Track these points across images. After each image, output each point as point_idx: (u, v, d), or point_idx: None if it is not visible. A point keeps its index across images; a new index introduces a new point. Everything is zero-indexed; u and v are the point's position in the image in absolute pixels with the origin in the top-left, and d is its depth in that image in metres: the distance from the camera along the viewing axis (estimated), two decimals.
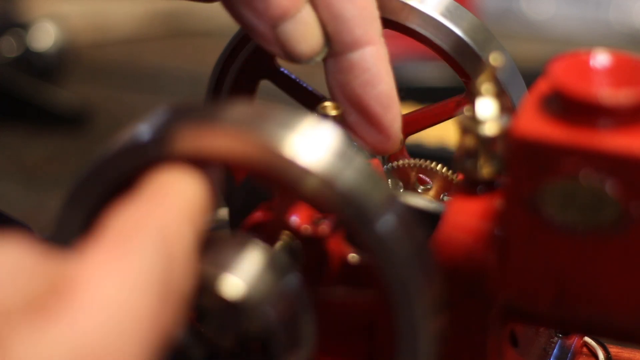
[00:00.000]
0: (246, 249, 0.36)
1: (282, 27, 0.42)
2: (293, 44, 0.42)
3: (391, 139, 0.45)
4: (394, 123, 0.45)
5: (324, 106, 0.46)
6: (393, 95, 0.44)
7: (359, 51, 0.43)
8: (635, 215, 0.35)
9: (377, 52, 0.43)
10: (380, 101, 0.44)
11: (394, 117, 0.44)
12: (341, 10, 0.43)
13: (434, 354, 0.36)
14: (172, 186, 0.34)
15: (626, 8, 1.20)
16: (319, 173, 0.34)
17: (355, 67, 0.43)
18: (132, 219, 0.32)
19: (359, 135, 0.45)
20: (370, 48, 0.43)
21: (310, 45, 0.43)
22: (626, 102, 0.35)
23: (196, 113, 0.36)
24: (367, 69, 0.43)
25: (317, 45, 0.43)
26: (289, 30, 0.42)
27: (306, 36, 0.42)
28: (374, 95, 0.44)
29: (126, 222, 0.32)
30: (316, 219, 0.40)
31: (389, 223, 0.35)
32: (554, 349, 0.47)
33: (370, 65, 0.43)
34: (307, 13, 0.42)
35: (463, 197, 0.39)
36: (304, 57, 0.43)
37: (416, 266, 0.35)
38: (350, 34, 0.43)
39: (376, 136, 0.45)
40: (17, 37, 1.03)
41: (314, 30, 0.43)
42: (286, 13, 0.42)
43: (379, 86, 0.44)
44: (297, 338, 0.36)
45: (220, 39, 0.53)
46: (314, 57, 0.43)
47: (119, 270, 0.31)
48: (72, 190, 0.37)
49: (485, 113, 0.39)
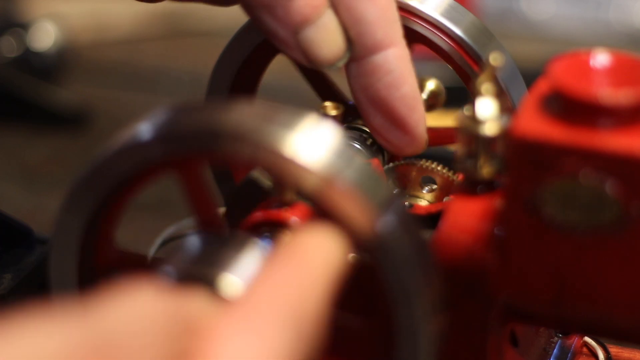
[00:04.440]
0: (246, 249, 0.36)
1: (304, 33, 0.42)
2: (315, 50, 0.42)
3: (417, 140, 0.45)
4: (419, 124, 0.45)
5: (324, 106, 0.46)
6: (417, 96, 0.44)
7: (382, 54, 0.43)
8: (635, 215, 0.35)
9: (399, 53, 0.43)
10: (404, 102, 0.44)
11: (419, 117, 0.44)
12: (363, 13, 0.42)
13: (434, 354, 0.36)
14: (316, 249, 0.33)
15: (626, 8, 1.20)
16: (319, 172, 0.34)
17: (379, 69, 0.43)
18: (271, 289, 0.31)
19: (384, 137, 0.45)
20: (393, 50, 0.43)
21: (333, 51, 0.43)
22: (626, 102, 0.35)
23: (196, 113, 0.36)
24: (390, 71, 0.43)
25: (340, 50, 0.43)
26: (310, 36, 0.42)
27: (328, 41, 0.42)
28: (398, 97, 0.44)
29: (265, 291, 0.31)
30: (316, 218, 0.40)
31: (388, 223, 0.35)
32: (554, 349, 0.47)
33: (394, 67, 0.43)
34: (329, 18, 0.42)
35: (463, 197, 0.39)
36: (327, 63, 0.43)
37: (416, 266, 0.35)
38: (373, 37, 0.43)
39: (402, 138, 0.45)
40: (17, 37, 1.02)
41: (336, 36, 0.42)
42: (307, 19, 0.41)
43: (402, 88, 0.44)
44: None
45: (220, 39, 0.53)
46: (336, 62, 0.43)
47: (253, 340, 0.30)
48: (72, 191, 0.37)
49: (485, 113, 0.39)
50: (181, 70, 1.06)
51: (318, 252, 0.33)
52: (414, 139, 0.45)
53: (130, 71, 1.07)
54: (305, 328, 0.31)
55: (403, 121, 0.44)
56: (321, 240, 0.34)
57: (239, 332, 0.30)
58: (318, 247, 0.33)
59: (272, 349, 0.30)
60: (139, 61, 1.09)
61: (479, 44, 0.46)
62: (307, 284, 0.32)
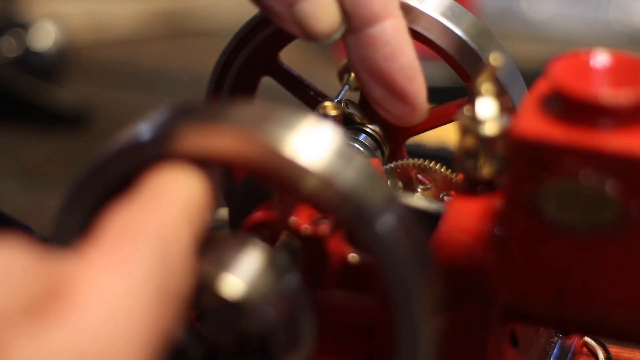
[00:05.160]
0: (246, 249, 0.36)
1: (299, 6, 0.42)
2: (310, 23, 0.42)
3: (417, 109, 0.45)
4: (419, 93, 0.45)
5: (324, 106, 0.46)
6: (416, 65, 0.44)
7: (378, 25, 0.43)
8: (635, 215, 0.35)
9: (396, 24, 0.43)
10: (403, 73, 0.44)
11: (418, 87, 0.44)
12: None
13: (434, 354, 0.36)
14: (170, 185, 0.34)
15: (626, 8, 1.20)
16: (319, 173, 0.34)
17: (376, 41, 0.43)
18: (130, 220, 0.32)
19: (384, 108, 0.45)
20: (390, 21, 0.43)
21: (328, 23, 0.43)
22: (626, 102, 0.35)
23: (196, 112, 0.36)
24: (387, 42, 0.43)
25: (335, 23, 0.43)
26: (305, 9, 0.42)
27: (323, 14, 0.42)
28: (397, 67, 0.44)
29: (124, 223, 0.32)
30: (316, 219, 0.40)
31: (388, 223, 0.35)
32: (554, 349, 0.47)
33: (391, 38, 0.43)
34: None
35: (463, 197, 0.39)
36: (322, 35, 0.43)
37: (416, 266, 0.35)
38: (369, 9, 0.43)
39: (403, 108, 0.45)
40: (17, 37, 1.03)
41: (331, 8, 0.42)
42: None
43: (401, 58, 0.44)
44: (296, 338, 0.36)
45: (220, 39, 0.53)
46: (332, 34, 0.43)
47: (117, 272, 0.31)
48: (72, 191, 0.37)
49: (485, 113, 0.39)
50: (181, 70, 1.06)
51: (173, 186, 0.34)
52: (415, 108, 0.45)
53: (130, 71, 1.07)
54: (170, 249, 0.32)
55: (403, 92, 0.44)
56: (177, 177, 0.34)
57: (102, 267, 0.31)
58: (173, 183, 0.34)
59: (138, 272, 0.31)
60: (139, 61, 1.09)
61: (479, 44, 0.46)
62: (164, 213, 0.33)
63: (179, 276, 0.32)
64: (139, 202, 0.33)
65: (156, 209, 0.33)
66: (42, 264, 0.30)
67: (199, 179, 0.35)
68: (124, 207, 0.33)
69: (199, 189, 0.34)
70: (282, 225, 0.39)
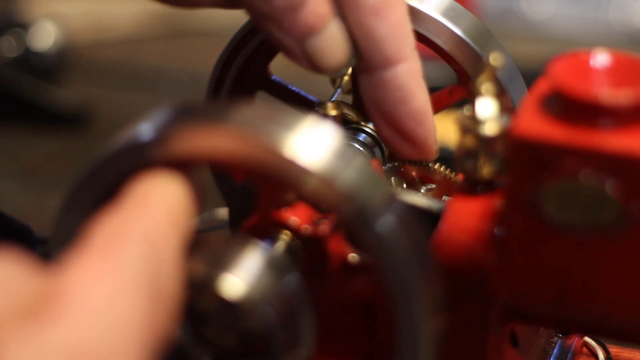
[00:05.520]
0: (246, 249, 0.36)
1: (309, 42, 0.42)
2: (319, 58, 0.42)
3: (425, 151, 0.45)
4: (428, 137, 0.45)
5: (324, 106, 0.46)
6: (426, 110, 0.44)
7: (391, 69, 0.43)
8: (635, 215, 0.35)
9: (409, 69, 0.43)
10: (413, 117, 0.44)
11: (427, 131, 0.44)
12: (372, 29, 0.42)
13: (434, 354, 0.36)
14: (154, 192, 0.34)
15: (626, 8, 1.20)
16: (319, 173, 0.34)
17: (387, 84, 0.43)
18: (116, 226, 0.33)
19: (393, 147, 0.45)
20: (402, 65, 0.43)
21: (337, 59, 0.43)
22: (626, 102, 0.35)
23: (196, 113, 0.36)
24: (399, 87, 0.43)
25: (344, 58, 0.43)
26: (315, 45, 0.42)
27: (333, 51, 0.42)
28: (407, 112, 0.44)
29: (111, 228, 0.33)
30: (316, 219, 0.40)
31: (389, 223, 0.35)
32: (554, 349, 0.47)
33: (403, 83, 0.43)
34: (334, 28, 0.42)
35: (463, 197, 0.39)
36: (331, 70, 0.43)
37: (416, 266, 0.35)
38: (382, 53, 0.43)
39: (410, 149, 0.45)
40: (17, 37, 1.03)
41: (341, 45, 0.42)
42: (312, 29, 0.42)
43: (411, 103, 0.44)
44: (297, 338, 0.36)
45: (220, 39, 0.53)
46: (341, 69, 0.43)
47: (107, 275, 0.31)
48: (72, 191, 0.37)
49: (485, 113, 0.39)
50: (181, 70, 1.06)
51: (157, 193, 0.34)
52: (423, 150, 0.45)
53: (130, 71, 1.07)
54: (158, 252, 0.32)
55: (411, 135, 0.44)
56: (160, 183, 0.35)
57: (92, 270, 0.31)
58: (157, 189, 0.35)
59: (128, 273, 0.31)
60: (139, 61, 1.10)
61: (479, 44, 0.46)
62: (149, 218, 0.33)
63: (169, 278, 0.32)
64: (123, 208, 0.34)
65: (141, 214, 0.33)
66: (34, 273, 0.31)
67: (182, 184, 0.35)
68: (110, 214, 0.33)
69: (182, 194, 0.35)
70: (282, 225, 0.39)
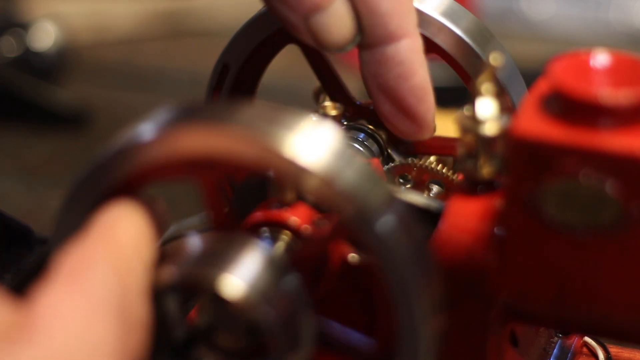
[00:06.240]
0: (246, 249, 0.36)
1: (314, 19, 0.42)
2: (324, 35, 0.43)
3: (424, 128, 0.46)
4: (427, 114, 0.45)
5: (324, 106, 0.46)
6: (427, 87, 0.45)
7: (393, 45, 0.43)
8: (635, 215, 0.35)
9: (411, 45, 0.44)
10: (413, 93, 0.44)
11: (427, 108, 0.45)
12: (376, 4, 0.43)
13: (434, 354, 0.36)
14: (119, 222, 0.35)
15: (626, 8, 1.20)
16: (319, 173, 0.34)
17: (389, 60, 0.44)
18: (83, 255, 0.34)
19: (391, 124, 0.45)
20: (405, 41, 0.44)
21: (342, 36, 0.43)
22: (626, 102, 0.35)
23: (197, 113, 0.36)
24: (401, 62, 0.44)
25: (349, 35, 0.43)
26: (320, 22, 0.42)
27: (337, 27, 0.43)
28: (407, 87, 0.44)
29: (78, 258, 0.33)
30: (316, 219, 0.40)
31: (389, 223, 0.35)
32: (554, 349, 0.47)
33: (404, 58, 0.44)
34: (339, 5, 0.42)
35: (463, 197, 0.39)
36: (335, 47, 0.43)
37: (416, 266, 0.35)
38: (385, 28, 0.43)
39: (410, 126, 0.45)
40: (17, 37, 1.03)
41: (345, 22, 0.43)
42: (318, 6, 0.42)
43: (412, 79, 0.44)
44: (297, 338, 0.36)
45: (220, 39, 0.53)
46: (345, 46, 0.43)
47: (76, 298, 0.32)
48: (72, 190, 0.37)
49: (485, 113, 0.39)
50: (181, 70, 1.06)
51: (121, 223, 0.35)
52: (422, 127, 0.45)
53: (130, 71, 1.07)
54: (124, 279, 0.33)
55: (411, 111, 0.45)
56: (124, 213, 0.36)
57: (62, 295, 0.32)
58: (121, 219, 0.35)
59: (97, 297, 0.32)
60: (139, 61, 1.09)
61: (479, 44, 0.46)
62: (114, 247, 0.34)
63: (136, 306, 0.34)
64: (90, 238, 0.34)
65: (107, 244, 0.34)
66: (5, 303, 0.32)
67: (145, 213, 0.36)
68: (76, 245, 0.34)
69: (145, 224, 0.36)
70: (282, 225, 0.39)
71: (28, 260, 0.54)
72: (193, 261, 0.35)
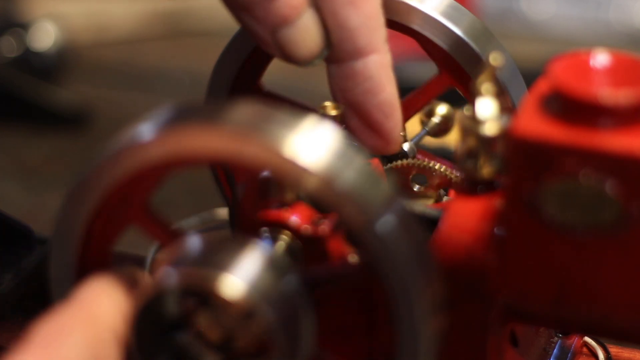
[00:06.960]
0: (246, 249, 0.36)
1: (281, 33, 0.42)
2: (291, 49, 0.43)
3: (391, 144, 0.45)
4: (394, 130, 0.45)
5: (324, 106, 0.46)
6: (394, 102, 0.44)
7: (362, 60, 0.43)
8: (636, 215, 0.35)
9: (379, 60, 0.44)
10: (381, 109, 0.44)
11: (394, 124, 0.45)
12: (346, 19, 0.42)
13: (434, 354, 0.36)
14: (95, 297, 0.36)
15: (626, 8, 1.20)
16: (319, 173, 0.34)
17: (357, 75, 0.44)
18: (60, 325, 0.35)
19: (359, 137, 0.45)
20: (373, 57, 0.43)
21: (309, 50, 0.43)
22: (626, 102, 0.35)
23: (197, 113, 0.36)
24: (369, 78, 0.44)
25: (317, 50, 0.43)
26: (287, 36, 0.42)
27: (305, 41, 0.42)
28: (375, 103, 0.44)
29: (54, 327, 0.34)
30: (316, 219, 0.40)
31: (389, 223, 0.35)
32: (554, 349, 0.47)
33: (373, 74, 0.44)
34: (308, 19, 0.42)
35: (463, 197, 0.39)
36: (303, 61, 0.43)
37: (416, 266, 0.35)
38: (354, 43, 0.43)
39: (376, 140, 0.45)
40: (17, 37, 1.02)
41: (314, 36, 0.43)
42: (285, 20, 0.42)
43: (380, 95, 0.44)
44: (297, 338, 0.36)
45: (220, 39, 0.52)
46: (312, 60, 0.43)
47: None
48: (72, 191, 0.37)
49: (485, 113, 0.39)
50: (181, 70, 1.06)
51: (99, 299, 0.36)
52: (388, 143, 0.45)
53: (130, 71, 1.07)
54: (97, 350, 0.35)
55: (378, 126, 0.45)
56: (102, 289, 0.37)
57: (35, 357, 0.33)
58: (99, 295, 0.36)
59: None
60: (139, 61, 1.09)
61: (479, 44, 0.46)
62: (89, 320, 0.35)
63: None
64: (68, 310, 0.35)
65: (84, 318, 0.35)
66: None
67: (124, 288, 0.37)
68: (53, 315, 0.35)
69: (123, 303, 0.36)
70: (282, 225, 0.39)
71: (28, 260, 0.54)
72: (193, 261, 0.35)
